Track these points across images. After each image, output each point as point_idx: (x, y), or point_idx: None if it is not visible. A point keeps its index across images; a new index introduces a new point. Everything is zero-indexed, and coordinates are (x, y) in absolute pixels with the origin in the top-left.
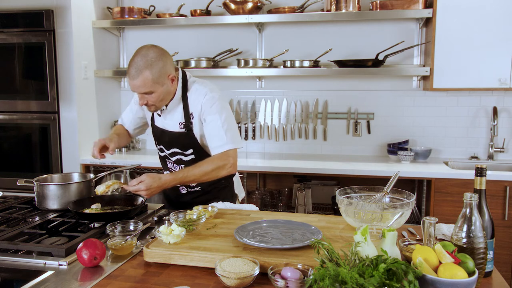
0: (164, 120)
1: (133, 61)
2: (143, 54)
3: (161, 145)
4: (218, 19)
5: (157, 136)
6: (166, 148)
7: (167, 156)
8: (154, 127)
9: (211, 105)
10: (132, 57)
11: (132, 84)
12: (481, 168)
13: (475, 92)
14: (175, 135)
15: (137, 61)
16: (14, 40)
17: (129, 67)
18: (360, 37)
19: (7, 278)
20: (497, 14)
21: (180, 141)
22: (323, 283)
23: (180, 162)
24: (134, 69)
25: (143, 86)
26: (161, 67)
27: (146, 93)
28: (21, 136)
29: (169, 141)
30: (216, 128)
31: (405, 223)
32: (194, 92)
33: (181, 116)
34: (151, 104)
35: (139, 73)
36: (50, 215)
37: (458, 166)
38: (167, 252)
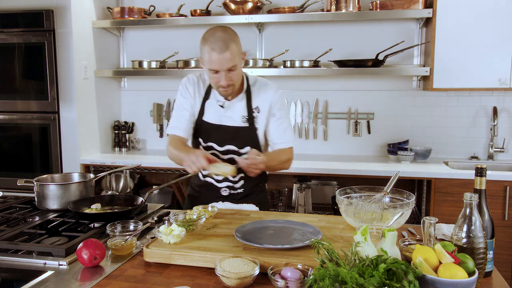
0: (224, 114)
1: (213, 35)
2: (222, 29)
3: (212, 142)
4: (218, 19)
5: (207, 132)
6: (219, 145)
7: (218, 154)
8: (204, 123)
9: (281, 101)
10: (209, 33)
11: (221, 58)
12: (481, 168)
13: (475, 92)
14: (236, 129)
15: (221, 35)
16: (14, 40)
17: (209, 42)
18: (360, 37)
19: (7, 278)
20: (497, 14)
21: (240, 136)
22: (323, 283)
23: (232, 162)
24: (221, 42)
25: (232, 60)
26: (239, 41)
27: (231, 69)
28: (21, 136)
29: (225, 137)
30: (285, 124)
31: (405, 223)
32: (261, 86)
33: (244, 109)
34: (231, 84)
35: (227, 46)
36: (50, 215)
37: (458, 166)
38: (167, 252)
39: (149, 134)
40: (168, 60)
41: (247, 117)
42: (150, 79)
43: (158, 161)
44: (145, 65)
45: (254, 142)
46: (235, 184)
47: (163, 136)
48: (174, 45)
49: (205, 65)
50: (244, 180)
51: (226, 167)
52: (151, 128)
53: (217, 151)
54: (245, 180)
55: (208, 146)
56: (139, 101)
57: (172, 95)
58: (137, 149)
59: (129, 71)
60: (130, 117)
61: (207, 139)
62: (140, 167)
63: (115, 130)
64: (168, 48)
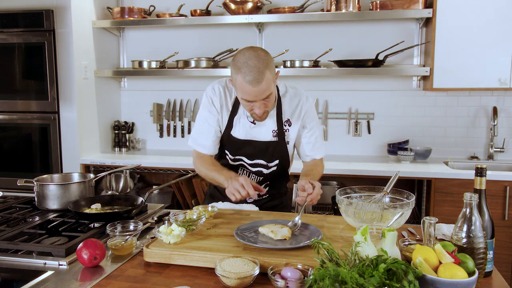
0: (254, 129)
1: (246, 64)
2: (256, 56)
3: (242, 156)
4: (218, 19)
5: (235, 147)
6: (249, 159)
7: (247, 166)
8: (232, 138)
9: (312, 111)
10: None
11: (255, 90)
12: (481, 168)
13: (475, 92)
14: (265, 144)
15: (255, 63)
16: (14, 40)
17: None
18: (360, 37)
19: (7, 278)
20: (497, 14)
21: (269, 151)
22: (323, 283)
23: (259, 174)
24: (256, 73)
25: (267, 89)
26: (273, 65)
27: (266, 98)
28: (21, 136)
29: (255, 152)
30: (316, 134)
31: (405, 223)
32: (292, 97)
33: (275, 124)
34: (266, 112)
35: (262, 76)
36: (50, 215)
37: (458, 166)
38: (167, 252)
39: (149, 134)
40: (168, 60)
41: (278, 132)
42: (150, 79)
43: (158, 161)
44: (145, 65)
45: (284, 156)
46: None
47: (163, 136)
48: (174, 45)
49: (238, 92)
50: (269, 187)
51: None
52: (151, 128)
53: (246, 163)
54: (270, 188)
55: (236, 159)
56: (139, 101)
57: (172, 95)
58: (137, 149)
59: (129, 71)
60: (130, 117)
61: (235, 153)
62: (140, 167)
63: (115, 130)
64: (168, 48)
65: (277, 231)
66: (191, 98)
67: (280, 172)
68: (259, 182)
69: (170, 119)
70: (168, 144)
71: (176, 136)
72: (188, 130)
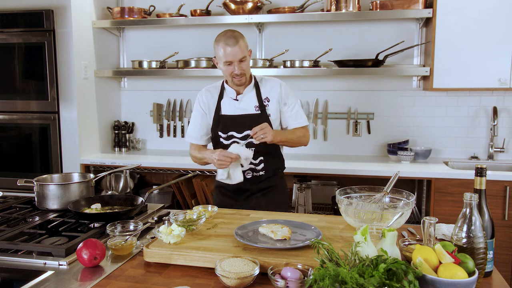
0: (238, 106)
1: (225, 35)
2: (231, 30)
3: (232, 131)
4: (218, 19)
5: (226, 124)
6: (239, 132)
7: (237, 141)
8: (223, 117)
9: (288, 90)
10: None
11: (233, 50)
12: (481, 168)
13: (475, 92)
14: (250, 116)
15: (230, 33)
16: (14, 40)
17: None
18: (360, 37)
19: (7, 278)
20: (497, 14)
21: (255, 122)
22: (323, 283)
23: (250, 145)
24: (232, 38)
25: (241, 52)
26: (245, 39)
27: (241, 60)
28: (21, 136)
29: (243, 124)
30: (296, 108)
31: (405, 223)
32: (267, 81)
33: (255, 100)
34: (243, 73)
35: (237, 40)
36: (50, 215)
37: (458, 166)
38: (167, 252)
39: (149, 134)
40: (168, 60)
41: (259, 106)
42: (150, 79)
43: (158, 161)
44: (145, 65)
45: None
46: (256, 166)
47: (163, 136)
48: (174, 45)
49: (221, 60)
50: (264, 163)
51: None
52: (151, 128)
53: (237, 138)
54: (264, 164)
55: (228, 135)
56: (139, 101)
57: (172, 95)
58: (137, 149)
59: (129, 71)
60: (130, 117)
61: (227, 130)
62: (140, 167)
63: (115, 130)
64: (168, 48)
65: (277, 231)
66: (191, 98)
67: (269, 145)
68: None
69: (170, 119)
70: (168, 144)
71: (176, 136)
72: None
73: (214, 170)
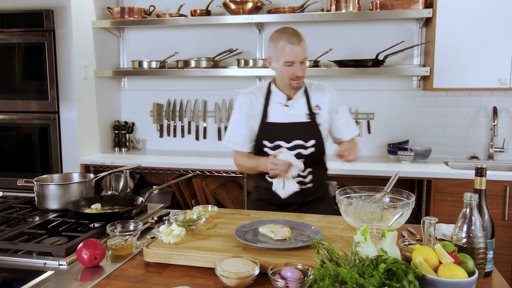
0: (288, 112)
1: (286, 32)
2: (292, 28)
3: (280, 140)
4: (218, 19)
5: (273, 132)
6: (287, 141)
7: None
8: (269, 125)
9: (339, 98)
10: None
11: (297, 50)
12: (481, 168)
13: (475, 92)
14: (301, 125)
15: (292, 30)
16: (14, 40)
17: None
18: (360, 37)
19: (7, 278)
20: (497, 14)
21: (305, 130)
22: (323, 283)
23: (299, 156)
24: (295, 36)
25: (304, 52)
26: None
27: (303, 61)
28: (21, 136)
29: (292, 132)
30: (347, 116)
31: (405, 223)
32: (317, 87)
33: (306, 107)
34: (303, 75)
35: (300, 39)
36: (50, 215)
37: (458, 166)
38: (167, 252)
39: (149, 134)
40: (168, 60)
41: (309, 114)
42: (150, 79)
43: (158, 161)
44: (145, 65)
45: (318, 136)
46: (305, 179)
47: (163, 136)
48: (174, 45)
49: (280, 60)
50: (312, 175)
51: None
52: (151, 128)
53: (286, 147)
54: (313, 176)
55: (275, 145)
56: (139, 101)
57: (172, 95)
58: (137, 149)
59: (129, 71)
60: (130, 117)
61: (274, 139)
62: (140, 167)
63: (115, 130)
64: (168, 48)
65: (277, 231)
66: (191, 98)
67: (318, 156)
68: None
69: (170, 119)
70: (168, 144)
71: (176, 136)
72: (188, 130)
73: (214, 170)
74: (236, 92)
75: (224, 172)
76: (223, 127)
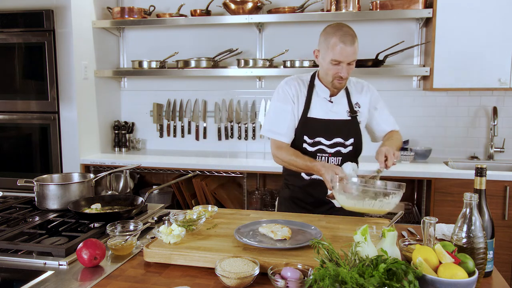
0: (331, 109)
1: (340, 29)
2: (347, 26)
3: (320, 137)
4: (218, 19)
5: (314, 128)
6: (328, 139)
7: (324, 149)
8: (311, 120)
9: (377, 94)
10: (335, 27)
11: (348, 50)
12: (481, 168)
13: (475, 92)
14: (342, 122)
15: (347, 29)
16: (14, 40)
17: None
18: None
19: (7, 278)
20: (497, 14)
21: (346, 128)
22: (323, 283)
23: (337, 154)
24: (349, 35)
25: (354, 54)
26: None
27: (350, 63)
28: (21, 136)
29: (333, 130)
30: (386, 111)
31: (405, 223)
32: (356, 84)
33: (347, 104)
34: (347, 77)
35: (354, 40)
36: (50, 215)
37: (458, 166)
38: (167, 252)
39: (149, 134)
40: (168, 60)
41: (350, 111)
42: (150, 79)
43: (158, 161)
44: (145, 65)
45: (357, 134)
46: None
47: (163, 136)
48: (174, 45)
49: (328, 56)
50: None
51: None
52: (151, 128)
53: (324, 145)
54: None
55: (315, 141)
56: (139, 101)
57: (172, 95)
58: (137, 149)
59: (129, 71)
60: (130, 117)
61: (314, 134)
62: (140, 167)
63: (115, 130)
64: (168, 48)
65: (277, 231)
66: (191, 98)
67: (355, 155)
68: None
69: (170, 119)
70: (168, 144)
71: (176, 136)
72: (188, 130)
73: (214, 170)
74: (236, 92)
75: (224, 172)
76: (223, 127)
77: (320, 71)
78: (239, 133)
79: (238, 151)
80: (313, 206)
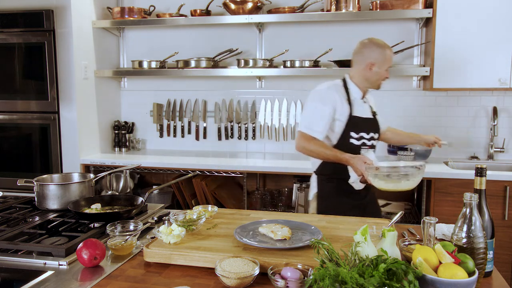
0: (365, 108)
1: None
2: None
3: (362, 132)
4: (218, 19)
5: (358, 125)
6: (367, 133)
7: (366, 142)
8: (356, 118)
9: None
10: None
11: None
12: (481, 168)
13: (475, 92)
14: (374, 120)
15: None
16: (14, 40)
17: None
18: (360, 37)
19: (7, 278)
20: (497, 14)
21: (376, 124)
22: (323, 283)
23: (372, 146)
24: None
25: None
26: None
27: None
28: (21, 136)
29: (370, 125)
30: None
31: (405, 223)
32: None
33: (373, 103)
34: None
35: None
36: (50, 215)
37: (458, 166)
38: (167, 252)
39: (149, 134)
40: (168, 60)
41: (373, 111)
42: (150, 79)
43: (158, 161)
44: (145, 65)
45: (379, 130)
46: None
47: (163, 136)
48: (174, 45)
49: (384, 65)
50: None
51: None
52: (151, 128)
53: (365, 139)
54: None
55: (359, 136)
56: (139, 101)
57: (172, 95)
58: (137, 149)
59: (129, 71)
60: (130, 117)
61: (359, 130)
62: (140, 167)
63: (115, 130)
64: (168, 48)
65: (277, 231)
66: (191, 98)
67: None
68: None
69: (170, 119)
70: (168, 144)
71: (176, 136)
72: (188, 130)
73: (214, 170)
74: (236, 92)
75: (224, 172)
76: (223, 127)
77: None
78: (239, 133)
79: (238, 151)
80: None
